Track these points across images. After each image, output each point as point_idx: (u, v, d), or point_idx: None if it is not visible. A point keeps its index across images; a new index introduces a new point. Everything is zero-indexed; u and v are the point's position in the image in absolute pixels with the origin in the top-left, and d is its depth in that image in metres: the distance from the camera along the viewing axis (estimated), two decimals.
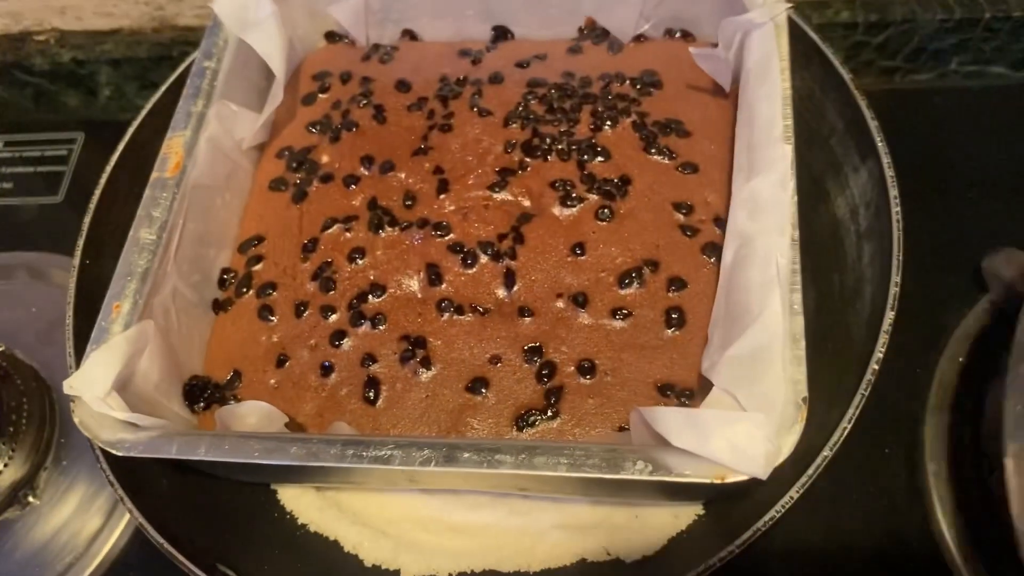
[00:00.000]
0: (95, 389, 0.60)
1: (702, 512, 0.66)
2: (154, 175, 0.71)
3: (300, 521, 0.71)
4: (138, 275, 0.66)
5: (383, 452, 0.55)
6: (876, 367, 0.59)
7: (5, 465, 0.85)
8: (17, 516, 0.88)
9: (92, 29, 1.19)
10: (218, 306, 0.74)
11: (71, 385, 0.60)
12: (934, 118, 0.99)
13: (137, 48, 1.18)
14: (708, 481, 0.51)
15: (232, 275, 0.75)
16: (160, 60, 1.17)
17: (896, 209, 0.65)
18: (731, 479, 0.51)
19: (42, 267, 1.05)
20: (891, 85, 1.07)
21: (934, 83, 1.06)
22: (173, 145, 0.72)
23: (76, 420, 0.60)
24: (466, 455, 0.54)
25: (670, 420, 0.52)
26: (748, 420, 0.50)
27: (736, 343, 0.55)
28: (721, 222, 0.70)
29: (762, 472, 0.50)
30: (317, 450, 0.56)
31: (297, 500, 0.72)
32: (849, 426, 0.58)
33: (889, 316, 0.61)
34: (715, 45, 0.79)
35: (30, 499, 0.87)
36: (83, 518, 0.90)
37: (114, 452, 0.58)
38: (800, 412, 0.52)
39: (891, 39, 1.06)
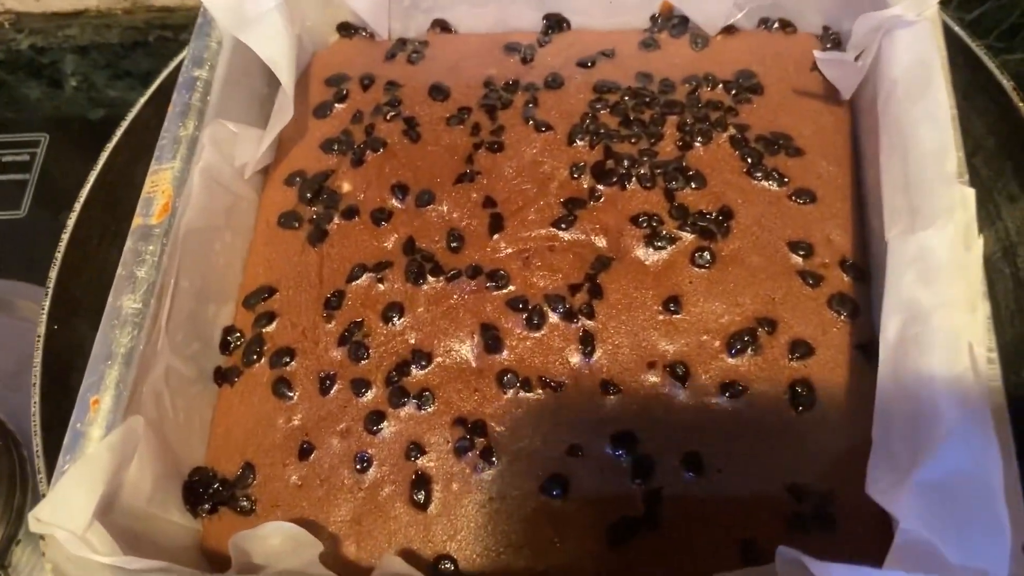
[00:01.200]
0: (72, 523, 0.48)
1: None
2: (136, 221, 0.58)
3: None
4: (120, 357, 0.54)
5: None
6: None
7: None
8: None
9: (53, 11, 1.06)
10: (221, 376, 0.63)
11: (39, 519, 0.48)
12: None
13: (107, 33, 1.06)
14: None
15: (238, 336, 0.64)
16: (134, 46, 1.05)
17: None
18: None
19: (6, 296, 0.94)
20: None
21: None
22: (159, 181, 0.59)
23: (48, 566, 0.48)
24: None
25: None
26: None
27: (926, 464, 0.43)
28: (849, 266, 0.60)
29: None
30: None
31: None
32: None
33: None
34: (819, 37, 0.68)
35: None
36: None
37: None
38: None
39: (986, 15, 0.93)
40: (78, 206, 0.66)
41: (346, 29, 0.75)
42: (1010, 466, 0.42)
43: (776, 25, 0.69)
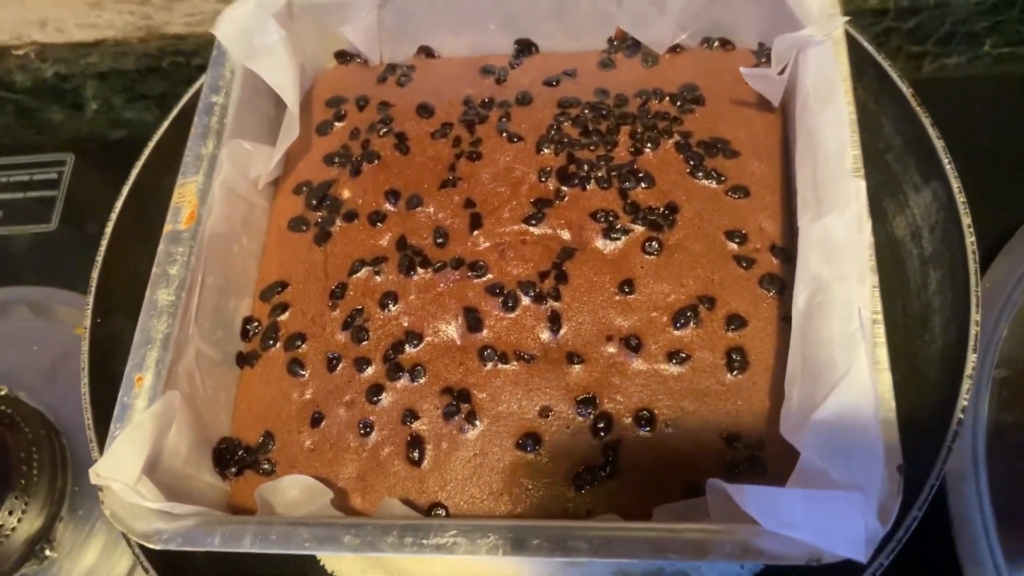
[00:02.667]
0: (125, 476, 0.56)
1: None
2: (167, 228, 0.66)
3: None
4: (159, 342, 0.62)
5: (445, 540, 0.52)
6: (961, 416, 0.55)
7: (19, 520, 0.82)
8: (35, 571, 0.85)
9: (75, 41, 1.13)
10: (243, 360, 0.70)
11: (98, 473, 0.56)
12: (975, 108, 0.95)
13: (124, 60, 1.13)
14: (802, 563, 0.47)
15: (256, 325, 0.71)
16: (149, 71, 1.12)
17: (971, 240, 0.61)
18: (828, 560, 0.47)
19: (42, 301, 1.01)
20: (920, 73, 1.03)
21: (966, 70, 1.02)
22: (185, 193, 0.67)
23: (106, 512, 0.56)
24: (535, 542, 0.51)
25: (758, 499, 0.48)
26: (845, 500, 0.47)
27: (821, 406, 0.51)
28: (778, 250, 0.66)
29: (863, 555, 0.46)
30: (373, 539, 0.52)
31: (339, 560, 0.68)
32: (938, 483, 0.54)
33: (972, 359, 0.57)
34: (755, 53, 0.75)
35: (47, 552, 0.85)
36: (106, 567, 0.87)
37: (151, 546, 0.54)
38: (898, 483, 0.48)
39: (923, 23, 1.02)
40: (114, 215, 0.74)
41: (342, 56, 0.81)
42: (888, 406, 0.50)
43: (716, 44, 0.75)
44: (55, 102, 1.16)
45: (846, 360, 0.52)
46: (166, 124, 0.77)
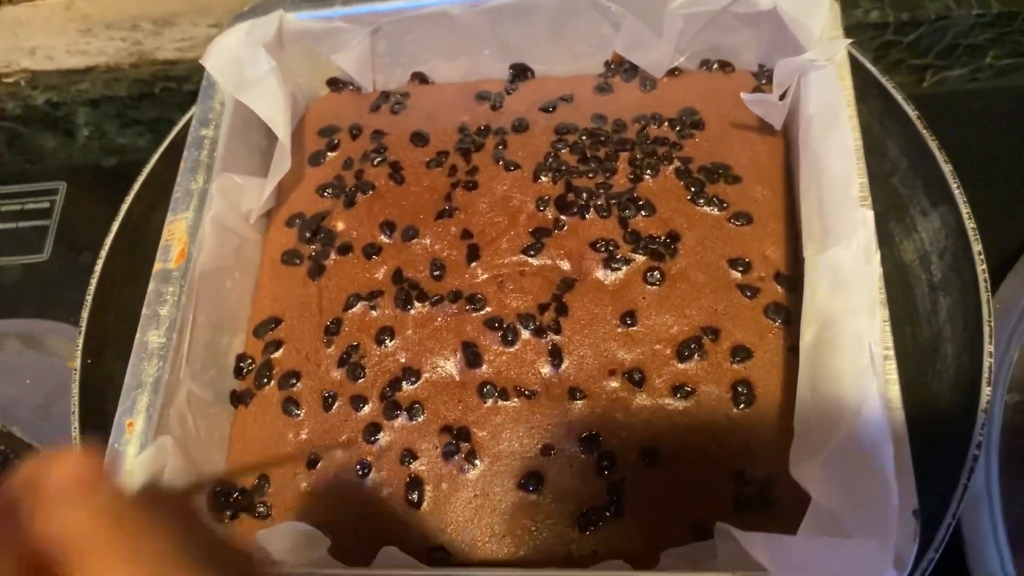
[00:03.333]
0: None
1: None
2: (157, 266, 0.64)
3: None
4: (149, 386, 0.60)
5: None
6: (976, 452, 0.53)
7: None
8: None
9: (66, 68, 1.11)
10: (237, 398, 0.68)
11: None
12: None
13: (116, 86, 1.11)
14: None
15: (249, 362, 0.69)
16: (141, 97, 1.11)
17: (982, 267, 0.59)
18: None
19: (34, 334, 1.00)
20: (916, 91, 1.01)
21: (968, 83, 1.01)
22: (175, 230, 0.65)
23: None
24: None
25: (769, 547, 0.46)
26: (860, 549, 0.45)
27: (832, 447, 0.50)
28: (782, 278, 0.64)
29: None
30: None
31: None
32: (954, 522, 0.52)
33: (986, 392, 0.55)
34: (755, 75, 0.74)
35: None
36: None
37: None
38: (914, 528, 0.46)
39: (923, 37, 1.00)
40: (104, 252, 0.72)
41: (335, 84, 0.80)
42: (901, 447, 0.49)
43: (716, 66, 0.74)
44: (47, 129, 1.14)
45: (857, 398, 0.50)
46: (156, 157, 0.76)
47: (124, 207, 0.74)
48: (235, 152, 0.71)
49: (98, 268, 0.72)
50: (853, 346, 0.52)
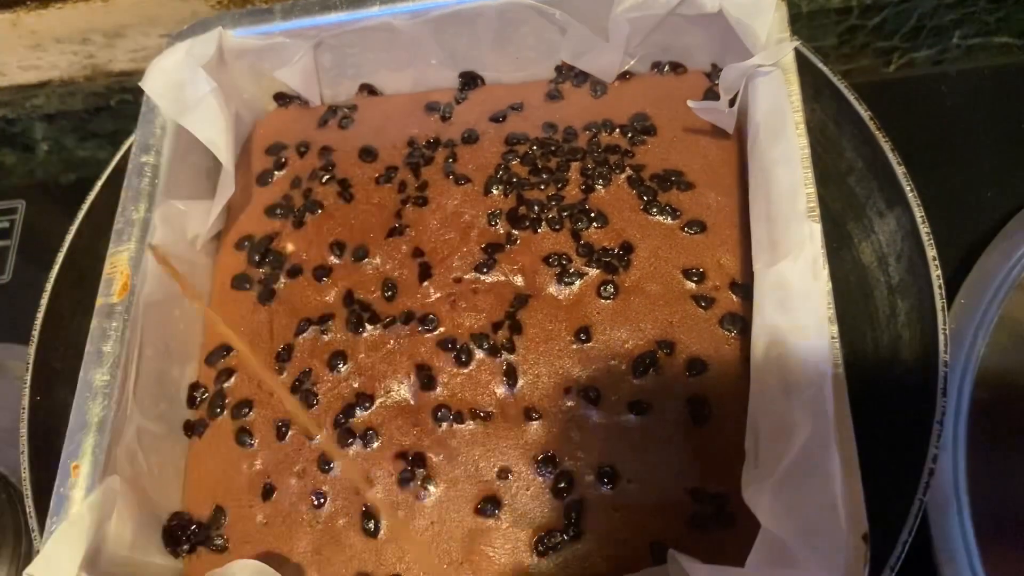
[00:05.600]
0: None
1: None
2: (99, 301, 0.63)
3: None
4: (94, 426, 0.59)
5: None
6: (933, 466, 0.53)
7: None
8: None
9: (19, 84, 1.09)
10: (190, 428, 0.67)
11: (31, 575, 0.53)
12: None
13: (71, 100, 1.10)
14: None
15: (203, 391, 0.68)
16: (98, 111, 1.09)
17: (937, 273, 0.58)
18: None
19: None
20: (883, 75, 1.00)
21: (935, 65, 0.99)
22: (117, 263, 0.64)
23: None
24: None
25: None
26: None
27: (779, 471, 0.49)
28: (738, 287, 0.63)
29: None
30: None
31: None
32: (911, 538, 0.51)
33: (941, 403, 0.54)
34: (708, 75, 0.72)
35: None
36: None
37: None
38: (864, 553, 0.46)
39: (888, 20, 0.98)
40: (48, 287, 0.71)
41: (282, 99, 0.78)
42: (851, 471, 0.48)
43: (667, 68, 0.72)
44: (4, 145, 1.13)
45: (806, 420, 0.49)
46: (100, 183, 0.74)
47: (69, 237, 0.72)
48: (179, 177, 0.70)
49: (44, 302, 0.71)
50: (802, 366, 0.51)
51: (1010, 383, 0.72)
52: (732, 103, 0.64)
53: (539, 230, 0.67)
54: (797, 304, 0.53)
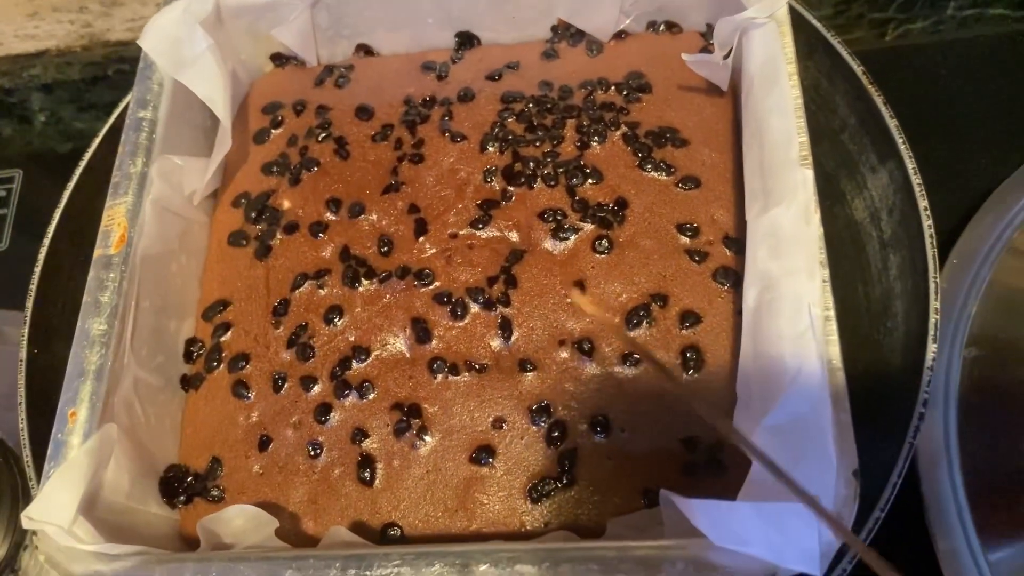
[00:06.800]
0: (59, 518, 0.53)
1: None
2: (97, 252, 0.63)
3: None
4: (92, 374, 0.59)
5: (389, 570, 0.50)
6: (923, 411, 0.53)
7: None
8: None
9: (16, 53, 1.09)
10: (187, 382, 0.68)
11: (30, 517, 0.54)
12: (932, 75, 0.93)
13: (68, 70, 1.09)
14: None
15: (199, 346, 0.68)
16: (95, 81, 1.09)
17: (928, 223, 0.58)
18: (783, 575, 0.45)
19: None
20: (879, 45, 1.00)
21: (931, 36, 0.99)
22: (115, 215, 0.64)
23: (41, 557, 0.54)
24: (483, 567, 0.49)
25: (708, 514, 0.46)
26: (798, 512, 0.45)
27: (773, 411, 0.49)
28: (731, 241, 0.64)
29: (818, 568, 0.44)
30: (315, 572, 0.50)
31: None
32: (900, 480, 0.52)
33: (932, 349, 0.54)
34: (703, 35, 0.72)
35: None
36: None
37: None
38: (853, 489, 0.46)
39: None
40: (47, 241, 0.71)
41: (279, 59, 0.78)
42: (842, 409, 0.48)
43: (663, 27, 0.73)
44: (1, 116, 1.13)
45: (796, 360, 0.50)
46: (97, 141, 0.74)
47: (66, 194, 0.73)
48: (176, 133, 0.70)
49: (41, 257, 0.71)
50: (793, 309, 0.52)
51: (1001, 342, 0.73)
52: (725, 57, 0.64)
53: (534, 186, 0.68)
54: (789, 249, 0.53)
